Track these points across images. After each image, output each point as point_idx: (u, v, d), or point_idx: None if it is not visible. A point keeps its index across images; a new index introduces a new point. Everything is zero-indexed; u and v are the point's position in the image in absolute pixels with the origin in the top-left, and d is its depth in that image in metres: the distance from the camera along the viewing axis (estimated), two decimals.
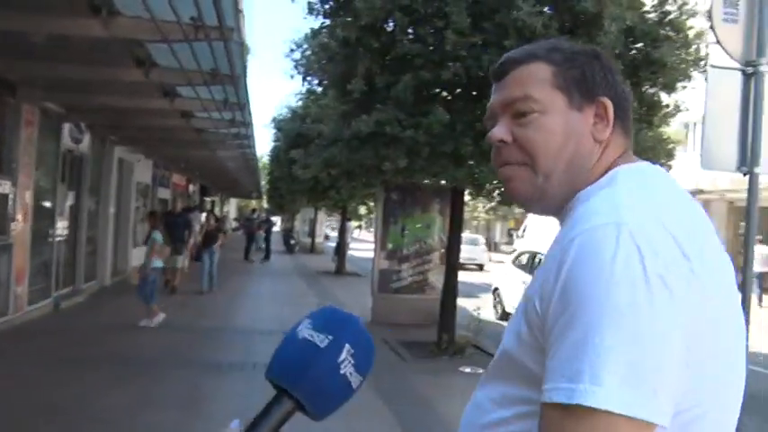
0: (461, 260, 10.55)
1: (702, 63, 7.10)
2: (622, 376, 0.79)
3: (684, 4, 7.16)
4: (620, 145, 1.07)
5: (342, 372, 0.84)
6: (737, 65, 3.97)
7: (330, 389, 0.84)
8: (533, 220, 30.28)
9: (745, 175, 3.92)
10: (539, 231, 29.09)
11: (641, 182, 0.98)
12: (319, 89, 13.68)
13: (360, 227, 45.17)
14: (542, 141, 1.03)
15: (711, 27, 3.90)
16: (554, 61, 1.06)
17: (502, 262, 31.63)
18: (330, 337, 0.84)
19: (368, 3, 6.36)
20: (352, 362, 0.84)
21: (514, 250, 32.82)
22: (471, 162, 7.43)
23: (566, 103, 1.04)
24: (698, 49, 7.26)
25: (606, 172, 1.03)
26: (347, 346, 0.85)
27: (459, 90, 7.47)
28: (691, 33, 7.33)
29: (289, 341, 0.87)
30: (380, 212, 11.33)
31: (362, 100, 7.17)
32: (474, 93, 7.28)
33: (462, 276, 9.84)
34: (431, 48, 6.79)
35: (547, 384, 0.84)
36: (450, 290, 8.84)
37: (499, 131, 1.07)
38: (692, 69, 7.18)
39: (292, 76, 12.46)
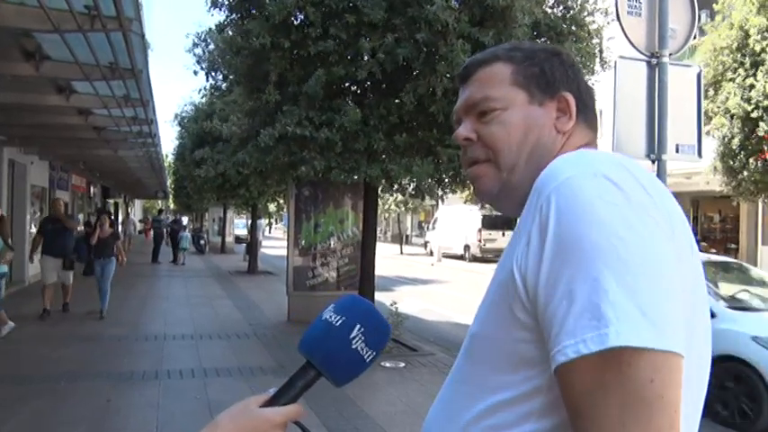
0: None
1: (603, 57, 7.37)
2: (644, 311, 0.76)
3: (585, 1, 7.41)
4: (585, 136, 1.09)
5: (353, 347, 0.98)
6: (643, 56, 4.08)
7: (344, 361, 0.99)
8: (444, 213, 30.90)
9: (653, 162, 4.05)
10: (449, 224, 29.79)
11: (610, 153, 0.97)
12: (224, 85, 13.35)
13: (270, 224, 44.50)
14: (504, 135, 1.06)
15: (617, 19, 4.00)
16: (514, 60, 1.09)
17: (412, 254, 32.28)
18: (344, 318, 1.00)
19: (278, 1, 6.19)
20: (363, 338, 0.99)
21: (426, 242, 33.57)
22: (384, 157, 7.41)
23: (526, 98, 1.07)
24: (600, 44, 7.53)
25: None
26: (358, 325, 0.99)
27: (369, 84, 7.42)
28: (591, 28, 7.59)
29: (316, 321, 1.03)
30: (292, 209, 11.15)
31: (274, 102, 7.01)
32: (383, 86, 7.27)
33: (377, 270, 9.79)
34: (343, 44, 6.69)
35: (563, 343, 0.79)
36: (368, 285, 8.81)
37: (463, 130, 1.11)
38: (594, 63, 7.43)
39: (196, 72, 12.05)
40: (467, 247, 28.40)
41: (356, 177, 7.81)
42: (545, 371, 0.85)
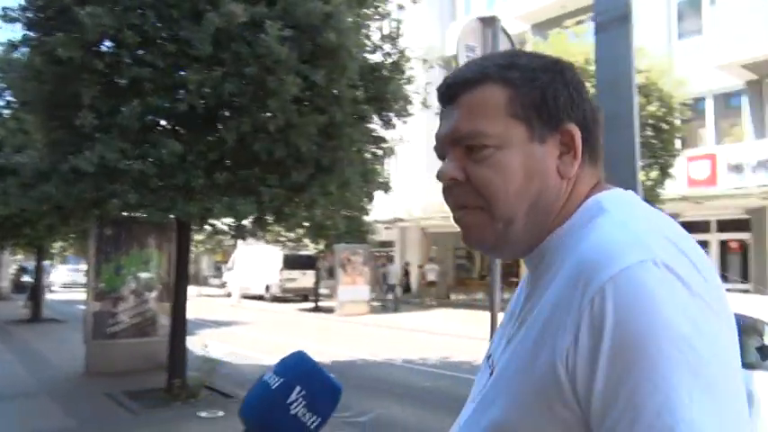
0: None
1: (424, 99, 7.76)
2: (720, 423, 0.69)
3: (403, 49, 7.74)
4: (592, 176, 0.93)
5: (292, 412, 0.89)
6: None
7: (282, 428, 0.90)
8: (243, 252, 30.24)
9: None
10: (249, 263, 29.20)
11: (633, 207, 0.86)
12: (7, 112, 12.01)
13: (53, 265, 40.58)
14: (499, 182, 0.88)
15: (457, 65, 4.17)
16: (510, 82, 0.89)
17: (210, 296, 31.14)
18: (282, 379, 0.91)
19: (95, 18, 5.65)
20: (304, 402, 0.89)
21: (224, 283, 32.57)
22: (201, 196, 7.04)
23: (525, 134, 0.89)
24: (417, 89, 7.89)
25: (578, 208, 0.90)
26: (298, 387, 0.90)
27: (186, 118, 7.04)
28: (409, 75, 7.93)
29: (255, 383, 0.94)
30: (93, 250, 10.22)
31: (81, 131, 6.36)
32: (201, 121, 6.96)
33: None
34: (160, 72, 6.29)
35: None
36: (179, 330, 8.25)
37: (450, 169, 0.91)
38: (411, 105, 7.76)
39: None
40: (267, 287, 28.01)
41: (171, 216, 7.34)
42: None
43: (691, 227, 18.31)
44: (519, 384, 0.82)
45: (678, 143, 14.68)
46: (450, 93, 0.93)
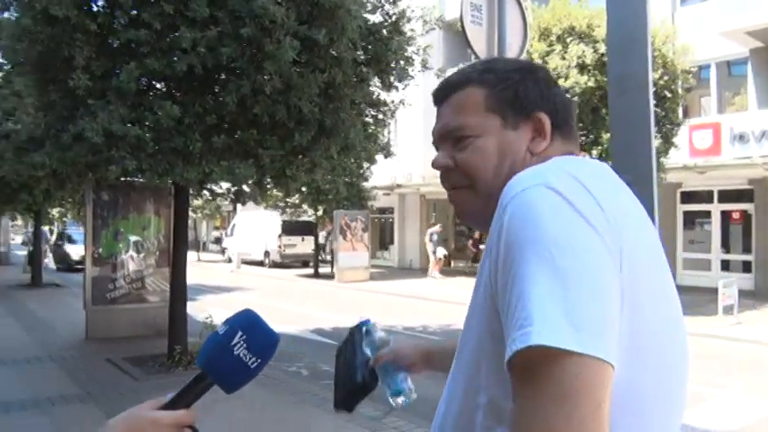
0: None
1: (423, 60, 7.60)
2: (568, 315, 0.80)
3: (403, 9, 7.55)
4: (564, 150, 1.11)
5: (235, 353, 1.03)
6: None
7: (226, 367, 1.04)
8: (242, 218, 30.20)
9: None
10: (248, 229, 29.17)
11: (564, 161, 1.02)
12: None
13: (52, 230, 40.58)
14: (479, 163, 1.09)
15: (462, 26, 4.04)
16: (487, 83, 1.11)
17: (210, 261, 31.17)
18: (227, 327, 1.06)
19: None
20: (245, 345, 1.04)
21: (224, 248, 32.58)
22: (200, 159, 6.93)
23: (500, 123, 1.10)
24: (419, 50, 7.72)
25: None
26: (239, 332, 1.04)
27: (183, 80, 6.89)
28: (408, 36, 7.74)
29: (210, 335, 1.08)
30: (90, 216, 10.13)
31: (76, 94, 6.21)
32: (198, 83, 6.81)
33: None
34: (156, 34, 6.13)
35: (507, 343, 0.84)
36: (179, 296, 8.21)
37: (441, 159, 1.15)
38: (413, 67, 7.59)
39: None
40: (267, 253, 27.99)
41: (170, 181, 7.24)
42: None
43: (693, 197, 18.24)
44: (474, 318, 0.99)
45: (681, 112, 14.50)
46: (441, 95, 1.17)
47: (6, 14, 7.30)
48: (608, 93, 3.43)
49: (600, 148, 12.65)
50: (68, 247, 24.70)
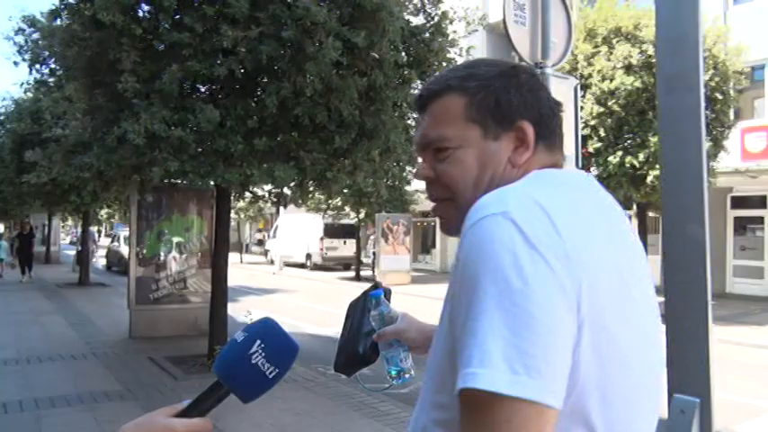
0: None
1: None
2: (506, 356, 0.80)
3: (445, 11, 7.48)
4: (547, 160, 1.07)
5: (253, 362, 0.99)
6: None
7: (243, 376, 1.00)
8: (285, 221, 30.44)
9: None
10: (290, 232, 29.40)
11: (537, 179, 1.00)
12: (51, 80, 12.10)
13: (100, 231, 41.61)
14: (459, 175, 1.06)
15: (504, 27, 3.95)
16: (468, 91, 1.06)
17: (252, 263, 31.49)
18: (246, 335, 1.02)
19: None
20: (263, 354, 1.00)
21: (267, 251, 32.89)
22: (241, 162, 6.97)
23: (480, 134, 1.05)
24: (461, 51, 7.64)
25: None
26: (258, 341, 1.00)
27: (224, 83, 6.95)
28: (451, 38, 7.67)
29: (228, 342, 1.04)
30: (134, 217, 10.32)
31: (122, 97, 6.31)
32: (239, 86, 6.86)
33: None
34: (199, 37, 6.19)
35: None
36: (220, 297, 8.28)
37: (422, 170, 1.11)
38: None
39: (16, 63, 10.79)
40: (308, 256, 28.15)
41: (212, 183, 7.31)
42: None
43: (744, 202, 17.67)
44: (441, 332, 0.98)
45: (732, 114, 14.07)
46: (421, 103, 1.11)
47: (58, 21, 7.51)
48: (657, 92, 3.32)
49: (647, 151, 12.35)
50: (124, 249, 24.05)
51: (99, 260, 26.61)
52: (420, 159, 1.13)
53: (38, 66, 8.79)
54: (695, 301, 3.26)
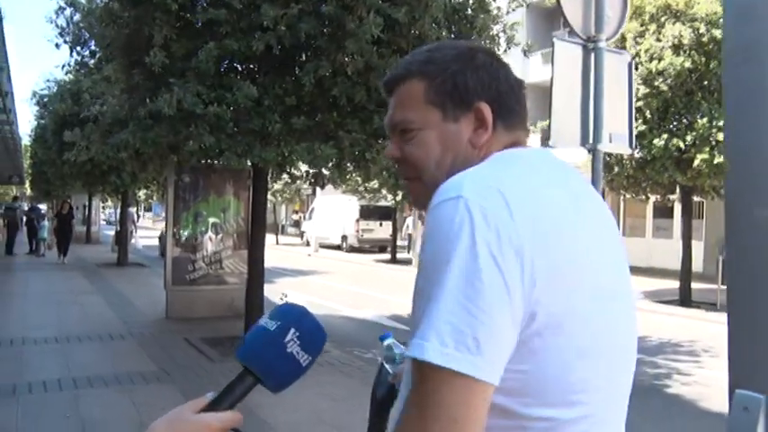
0: None
1: (509, 37, 7.28)
2: (447, 331, 0.85)
3: None
4: (508, 139, 1.10)
5: (288, 350, 0.98)
6: (579, 39, 3.85)
7: (280, 365, 0.98)
8: (321, 203, 30.44)
9: (589, 152, 3.82)
10: (326, 213, 29.41)
11: (498, 161, 1.04)
12: (92, 62, 12.13)
13: (138, 212, 42.20)
14: (423, 156, 1.11)
15: (557, 1, 3.72)
16: (427, 75, 1.10)
17: (289, 245, 31.60)
18: (278, 323, 0.99)
19: None
20: (298, 342, 0.98)
21: (302, 232, 32.98)
22: (279, 141, 6.85)
23: (440, 116, 1.09)
24: (505, 27, 7.38)
25: None
26: (292, 329, 0.99)
27: (262, 61, 6.81)
28: (494, 14, 7.41)
29: (252, 328, 1.02)
30: (171, 198, 10.31)
31: (157, 73, 6.22)
32: (278, 64, 6.71)
33: None
34: (237, 14, 6.05)
35: None
36: (256, 278, 8.21)
37: (390, 150, 1.16)
38: (498, 46, 7.27)
39: (58, 46, 10.81)
40: (344, 238, 28.15)
41: (249, 162, 7.20)
42: None
43: None
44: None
45: None
46: (388, 88, 1.16)
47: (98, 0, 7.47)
48: (723, 66, 3.06)
49: (694, 133, 11.91)
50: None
51: (138, 240, 26.91)
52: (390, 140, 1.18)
53: (78, 48, 8.78)
54: (762, 290, 3.01)
